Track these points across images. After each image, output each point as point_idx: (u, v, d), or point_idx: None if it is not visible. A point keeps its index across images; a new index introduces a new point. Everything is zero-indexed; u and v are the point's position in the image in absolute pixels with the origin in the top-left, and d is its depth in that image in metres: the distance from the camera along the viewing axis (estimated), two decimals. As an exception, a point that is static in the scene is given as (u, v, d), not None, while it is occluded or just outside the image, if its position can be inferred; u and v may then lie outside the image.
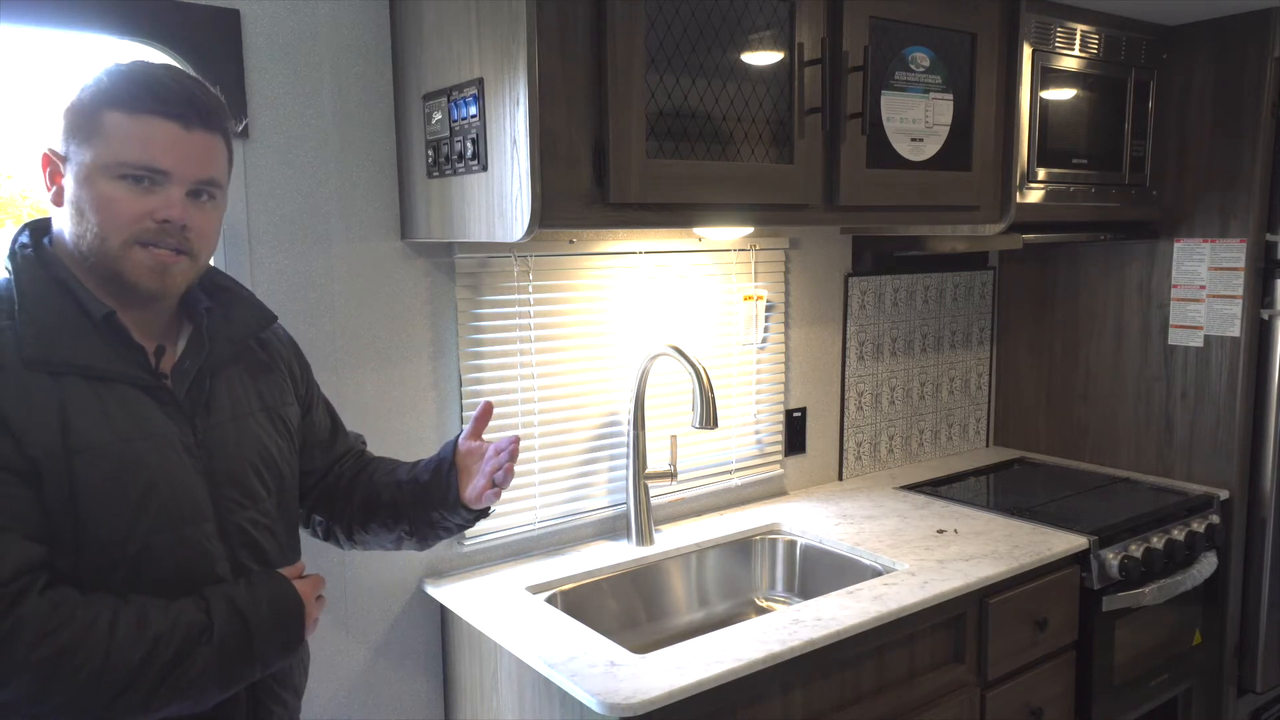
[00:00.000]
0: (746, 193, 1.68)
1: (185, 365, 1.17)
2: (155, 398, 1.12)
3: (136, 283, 1.10)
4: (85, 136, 1.07)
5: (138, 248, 1.08)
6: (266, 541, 1.22)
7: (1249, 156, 2.31)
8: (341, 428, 1.50)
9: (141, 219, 1.08)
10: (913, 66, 1.88)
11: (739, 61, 1.65)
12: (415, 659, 1.86)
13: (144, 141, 1.08)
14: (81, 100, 1.08)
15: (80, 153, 1.08)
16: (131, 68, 1.12)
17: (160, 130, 1.09)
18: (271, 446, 1.26)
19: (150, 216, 1.08)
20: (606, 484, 2.09)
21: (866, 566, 1.95)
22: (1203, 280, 2.42)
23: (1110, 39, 2.29)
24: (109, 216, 1.07)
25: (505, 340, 1.90)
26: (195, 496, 1.13)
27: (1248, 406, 2.40)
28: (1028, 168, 2.16)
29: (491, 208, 1.50)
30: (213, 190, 1.14)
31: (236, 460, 1.19)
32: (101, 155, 1.07)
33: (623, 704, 1.34)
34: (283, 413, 1.30)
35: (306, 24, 1.64)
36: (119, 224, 1.07)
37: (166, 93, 1.09)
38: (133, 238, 1.08)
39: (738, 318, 2.25)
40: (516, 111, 1.41)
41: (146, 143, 1.08)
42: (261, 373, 1.29)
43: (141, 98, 1.08)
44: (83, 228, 1.08)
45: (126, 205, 1.07)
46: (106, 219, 1.07)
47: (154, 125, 1.08)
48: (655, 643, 1.60)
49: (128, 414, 1.09)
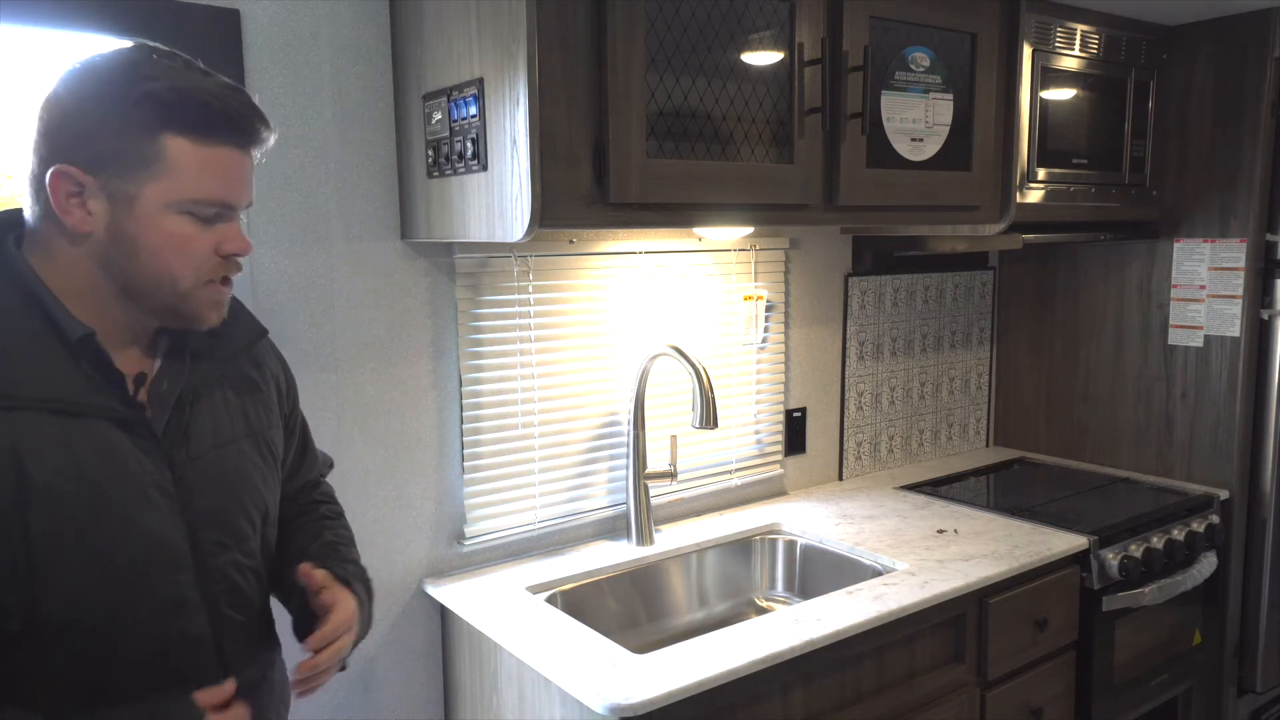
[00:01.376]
0: (746, 193, 1.68)
1: (163, 388, 1.03)
2: (130, 432, 0.99)
3: (202, 317, 1.02)
4: (136, 165, 0.94)
5: (217, 286, 1.01)
6: (248, 586, 1.11)
7: (1249, 156, 2.31)
8: (311, 455, 1.34)
9: (210, 256, 1.00)
10: (913, 66, 1.88)
11: (739, 61, 1.65)
12: (415, 659, 1.86)
13: (217, 175, 0.97)
14: (111, 115, 0.93)
15: (130, 183, 0.94)
16: (174, 77, 0.96)
17: (229, 160, 0.99)
18: (257, 477, 1.13)
19: (217, 251, 1.00)
20: (606, 484, 2.09)
21: (866, 566, 1.95)
22: (1203, 280, 2.42)
23: (1110, 39, 2.29)
24: (183, 257, 0.98)
25: (505, 340, 1.90)
26: (170, 543, 1.01)
27: (1248, 406, 2.40)
28: (1028, 168, 2.16)
29: (491, 208, 1.50)
30: (247, 208, 1.06)
31: (219, 497, 1.07)
32: (171, 191, 0.95)
33: (623, 704, 1.34)
34: (268, 436, 1.17)
35: (306, 24, 1.64)
36: (194, 263, 0.98)
37: (235, 115, 0.98)
38: (205, 276, 1.00)
39: (738, 318, 2.25)
40: (516, 111, 1.41)
41: (219, 177, 0.98)
42: (249, 392, 1.15)
43: (212, 123, 0.96)
44: (136, 267, 0.97)
45: (199, 243, 0.98)
46: (180, 259, 0.98)
47: (223, 155, 0.98)
48: (655, 643, 1.60)
49: (98, 454, 0.96)
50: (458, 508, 1.89)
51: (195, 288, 1.00)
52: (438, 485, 1.86)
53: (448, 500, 1.88)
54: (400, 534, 1.82)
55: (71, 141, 0.94)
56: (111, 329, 0.99)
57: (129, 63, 0.95)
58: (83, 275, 0.97)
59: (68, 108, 0.95)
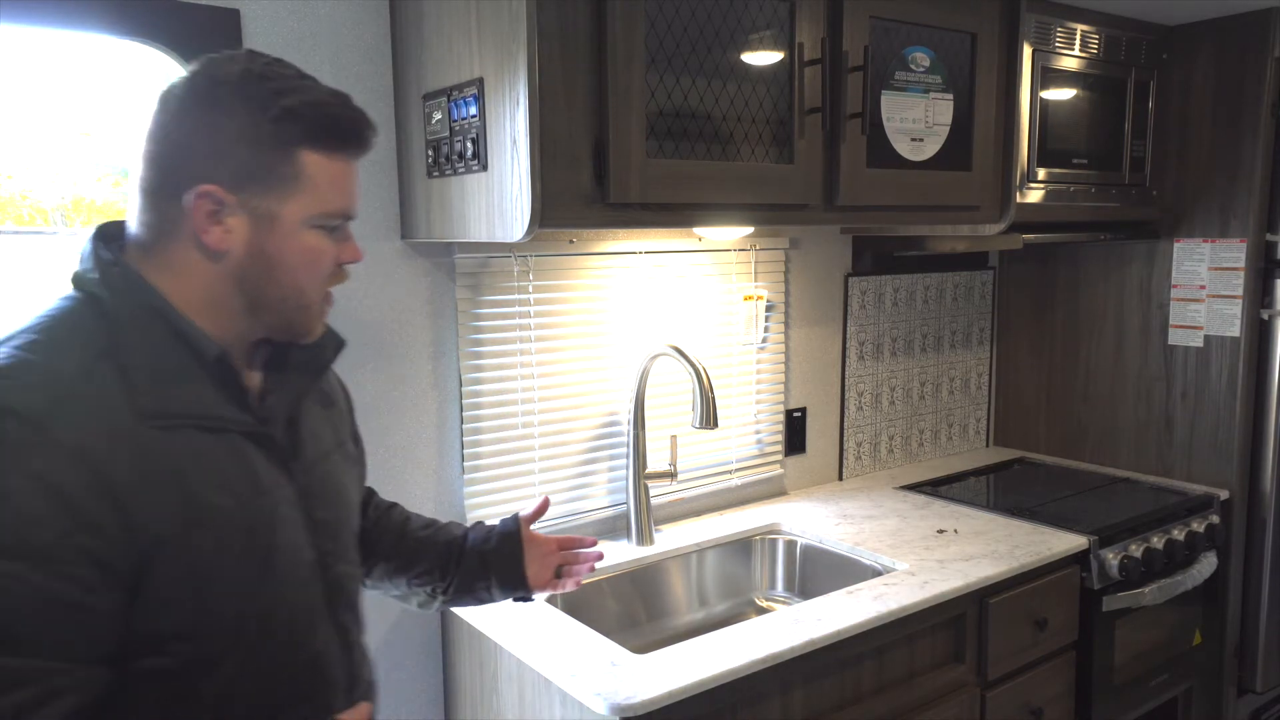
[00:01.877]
0: (746, 193, 1.68)
1: (271, 401, 1.03)
2: (260, 445, 0.99)
3: (312, 330, 1.03)
4: (277, 182, 0.94)
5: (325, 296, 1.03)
6: (358, 595, 1.14)
7: (1249, 156, 2.31)
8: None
9: (332, 267, 1.01)
10: (913, 66, 1.88)
11: (739, 61, 1.65)
12: (415, 659, 1.86)
13: (343, 187, 0.99)
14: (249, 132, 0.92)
15: (272, 201, 0.94)
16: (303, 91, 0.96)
17: (349, 171, 1.00)
18: (351, 489, 1.16)
19: (337, 261, 1.01)
20: (606, 484, 2.09)
21: (866, 566, 1.95)
22: (1203, 280, 2.42)
23: (1110, 39, 2.29)
24: (314, 271, 0.99)
25: (505, 340, 1.90)
26: (305, 557, 1.01)
27: (1248, 406, 2.40)
28: (1028, 168, 2.16)
29: (491, 207, 1.50)
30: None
31: (331, 509, 1.08)
32: (308, 206, 0.96)
33: (623, 704, 1.34)
34: (348, 449, 1.19)
35: (306, 24, 1.64)
36: (321, 276, 1.00)
37: (355, 126, 0.99)
38: (325, 288, 1.02)
39: (738, 318, 2.25)
40: (516, 111, 1.41)
41: (344, 188, 0.99)
42: (328, 405, 1.17)
43: (341, 136, 0.98)
44: (271, 282, 0.97)
45: (328, 256, 0.99)
46: (310, 274, 0.99)
47: (346, 167, 0.99)
48: (655, 643, 1.60)
49: (239, 469, 0.96)
50: (458, 507, 1.89)
51: (317, 300, 1.01)
52: (438, 485, 1.86)
53: (448, 500, 1.88)
54: (400, 534, 1.82)
55: (208, 160, 0.92)
56: (233, 343, 0.99)
57: (256, 77, 0.94)
58: (216, 291, 0.96)
59: (198, 125, 0.93)
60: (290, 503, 1.01)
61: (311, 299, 1.00)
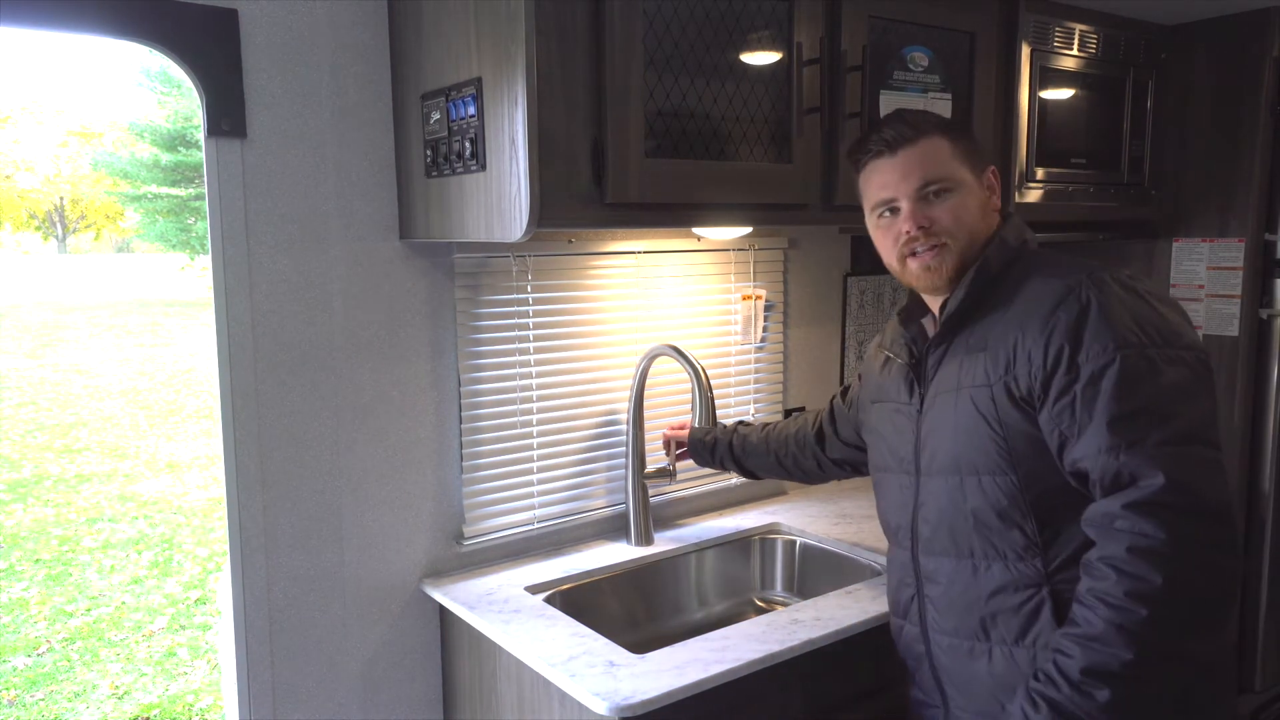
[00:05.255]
0: (745, 192, 1.68)
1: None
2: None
3: (918, 285, 1.43)
4: (861, 190, 1.44)
5: (909, 259, 1.39)
6: None
7: (1248, 156, 2.31)
8: None
9: (896, 241, 1.39)
10: (911, 66, 1.88)
11: (737, 61, 1.65)
12: (415, 659, 1.86)
13: (874, 184, 1.40)
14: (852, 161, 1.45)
15: (863, 202, 1.45)
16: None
17: (876, 170, 1.39)
18: None
19: (900, 237, 1.38)
20: (605, 484, 2.09)
21: (865, 566, 1.95)
22: (1201, 280, 2.42)
23: (1109, 38, 2.29)
24: (881, 249, 1.44)
25: (504, 340, 1.90)
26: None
27: (1246, 406, 2.40)
28: (1026, 167, 2.16)
29: (490, 207, 1.50)
30: (939, 186, 1.35)
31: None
32: (866, 204, 1.44)
33: (622, 704, 1.34)
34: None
35: (305, 24, 1.64)
36: (887, 251, 1.43)
37: (870, 137, 1.40)
38: (900, 256, 1.40)
39: (737, 317, 2.25)
40: (515, 111, 1.41)
41: (875, 184, 1.40)
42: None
43: (856, 152, 1.43)
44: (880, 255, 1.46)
45: (884, 235, 1.41)
46: (881, 250, 1.44)
47: (872, 168, 1.41)
48: (655, 643, 1.60)
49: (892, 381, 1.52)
50: (457, 508, 1.89)
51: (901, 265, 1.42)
52: (437, 485, 1.86)
53: (447, 500, 1.88)
54: (399, 534, 1.82)
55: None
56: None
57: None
58: None
59: None
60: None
61: (893, 267, 1.44)
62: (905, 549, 1.47)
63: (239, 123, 1.58)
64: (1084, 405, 1.20)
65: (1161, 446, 1.15)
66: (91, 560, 5.49)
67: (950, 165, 1.36)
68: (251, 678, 1.68)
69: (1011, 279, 1.35)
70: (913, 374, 1.47)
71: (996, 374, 1.30)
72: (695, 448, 2.03)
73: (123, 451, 7.81)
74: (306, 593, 1.72)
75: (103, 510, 6.38)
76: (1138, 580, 1.13)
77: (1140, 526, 1.14)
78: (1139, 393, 1.18)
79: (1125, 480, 1.17)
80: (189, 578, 5.23)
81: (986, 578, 1.34)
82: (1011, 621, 1.32)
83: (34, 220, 26.41)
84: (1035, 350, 1.25)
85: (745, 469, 2.01)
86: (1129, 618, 1.13)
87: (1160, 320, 1.22)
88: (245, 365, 1.63)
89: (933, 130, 1.37)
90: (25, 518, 6.21)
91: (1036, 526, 1.29)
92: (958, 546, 1.37)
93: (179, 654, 4.30)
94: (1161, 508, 1.14)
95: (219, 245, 1.60)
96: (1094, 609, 1.16)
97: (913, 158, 1.36)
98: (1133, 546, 1.14)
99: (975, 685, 1.38)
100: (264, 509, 1.67)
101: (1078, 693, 1.15)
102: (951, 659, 1.40)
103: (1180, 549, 1.13)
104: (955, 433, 1.35)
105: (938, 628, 1.42)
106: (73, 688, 3.98)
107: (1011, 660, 1.32)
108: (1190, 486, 1.14)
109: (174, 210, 14.17)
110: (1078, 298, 1.24)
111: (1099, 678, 1.14)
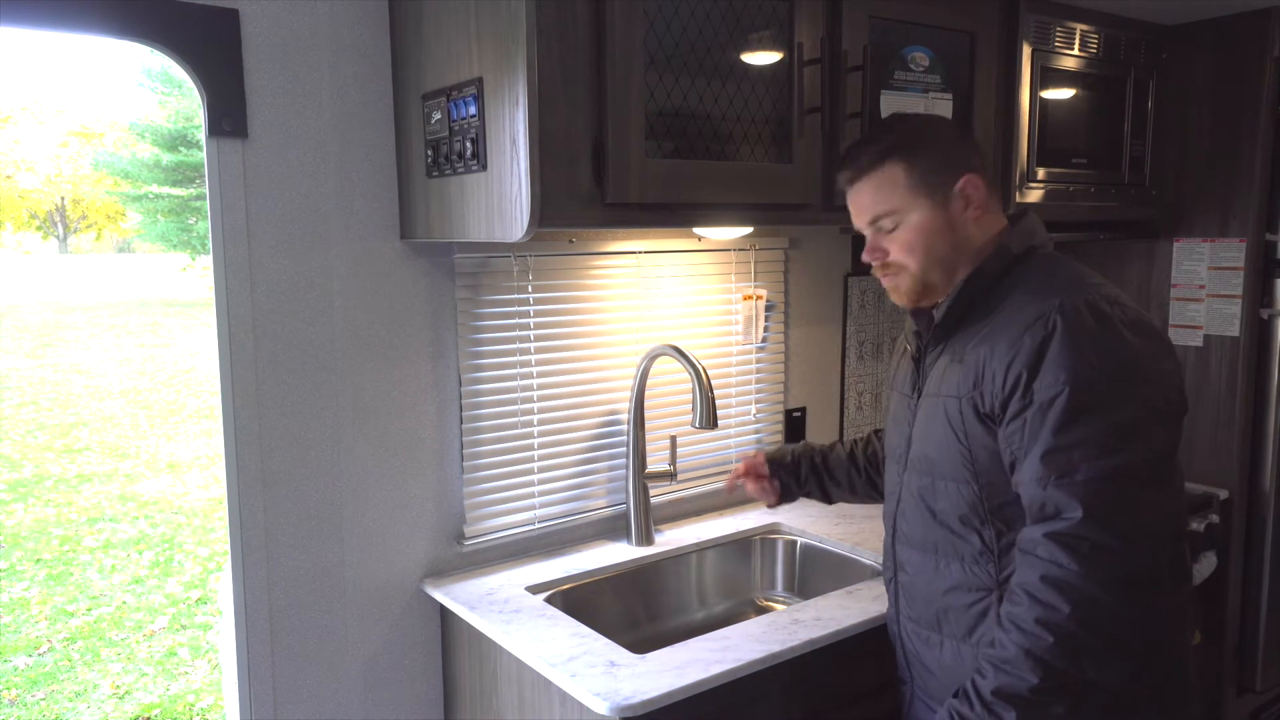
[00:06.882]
0: (745, 192, 1.68)
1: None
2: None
3: (897, 301, 1.45)
4: None
5: (882, 278, 1.43)
6: None
7: (1248, 156, 2.31)
8: None
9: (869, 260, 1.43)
10: (912, 66, 1.88)
11: (738, 61, 1.65)
12: (415, 659, 1.86)
13: (849, 208, 1.44)
14: None
15: None
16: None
17: (848, 196, 1.42)
18: None
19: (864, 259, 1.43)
20: (606, 484, 2.09)
21: (866, 566, 1.95)
22: (1202, 280, 2.42)
23: (1109, 38, 2.29)
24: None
25: (505, 340, 1.90)
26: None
27: (1247, 406, 2.40)
28: (1027, 167, 2.16)
29: (491, 207, 1.50)
30: (889, 221, 1.37)
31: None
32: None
33: (623, 704, 1.34)
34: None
35: (306, 24, 1.64)
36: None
37: (843, 163, 1.42)
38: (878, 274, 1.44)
39: (737, 317, 2.25)
40: (516, 111, 1.41)
41: (849, 210, 1.44)
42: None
43: (839, 179, 1.44)
44: None
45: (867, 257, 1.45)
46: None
47: (848, 198, 1.42)
48: (655, 643, 1.60)
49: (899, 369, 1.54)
50: (457, 508, 1.89)
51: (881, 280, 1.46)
52: (437, 485, 1.86)
53: (447, 500, 1.88)
54: (400, 534, 1.82)
55: None
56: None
57: None
58: None
59: None
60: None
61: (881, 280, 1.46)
62: (889, 535, 1.53)
63: (240, 123, 1.58)
64: (1030, 432, 1.23)
65: (1089, 483, 1.18)
66: (92, 560, 5.50)
67: (900, 196, 1.35)
68: (252, 677, 1.68)
69: (1003, 288, 1.35)
70: (914, 369, 1.49)
71: (966, 388, 1.33)
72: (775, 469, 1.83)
73: (123, 451, 7.82)
74: (307, 593, 1.72)
75: (103, 510, 6.39)
76: (1047, 608, 1.17)
77: (1056, 556, 1.18)
78: (1078, 428, 1.20)
79: (1050, 511, 1.21)
80: (190, 577, 5.24)
81: (945, 575, 1.39)
82: (962, 619, 1.37)
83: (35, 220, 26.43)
84: (999, 371, 1.28)
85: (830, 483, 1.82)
86: (1037, 644, 1.17)
87: (1126, 353, 1.23)
88: (246, 365, 1.63)
89: (890, 156, 1.35)
90: (26, 518, 6.22)
91: (994, 534, 1.33)
92: (925, 542, 1.42)
93: (180, 654, 4.30)
94: (1078, 540, 1.17)
95: (220, 245, 1.60)
96: (1008, 632, 1.21)
97: (864, 193, 1.39)
98: (1046, 575, 1.18)
99: (932, 671, 1.44)
100: (265, 509, 1.67)
101: (989, 713, 1.20)
102: (915, 643, 1.47)
103: (1091, 581, 1.16)
104: (931, 437, 1.39)
105: (906, 614, 1.48)
106: (74, 687, 3.99)
107: (959, 655, 1.37)
108: (1110, 521, 1.17)
109: (175, 210, 14.18)
110: (1044, 324, 1.25)
111: (1007, 700, 1.18)
